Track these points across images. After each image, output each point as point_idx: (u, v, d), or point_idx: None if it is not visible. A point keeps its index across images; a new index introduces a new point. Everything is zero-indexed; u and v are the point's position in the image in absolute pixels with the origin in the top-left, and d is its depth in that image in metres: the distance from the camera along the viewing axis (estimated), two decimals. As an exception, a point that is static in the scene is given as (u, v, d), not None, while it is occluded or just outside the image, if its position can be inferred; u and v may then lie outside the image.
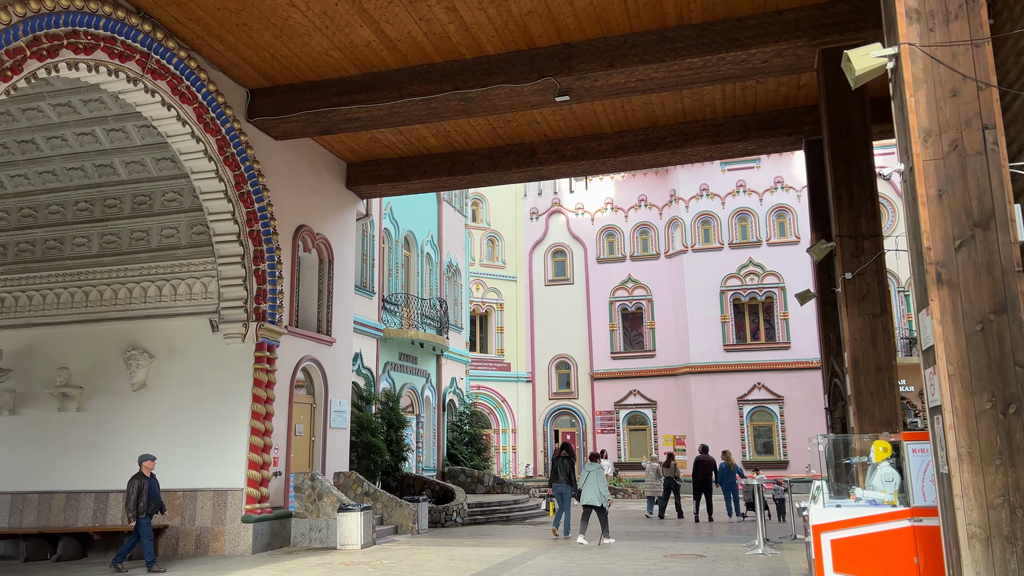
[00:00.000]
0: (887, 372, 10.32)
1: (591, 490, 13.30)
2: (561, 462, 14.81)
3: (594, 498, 13.26)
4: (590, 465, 13.78)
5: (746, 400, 28.83)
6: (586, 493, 13.32)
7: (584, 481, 13.46)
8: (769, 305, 29.48)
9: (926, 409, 5.95)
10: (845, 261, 10.75)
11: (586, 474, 13.51)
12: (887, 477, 7.61)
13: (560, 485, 14.68)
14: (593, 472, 13.50)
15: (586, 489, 13.34)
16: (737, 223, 30.08)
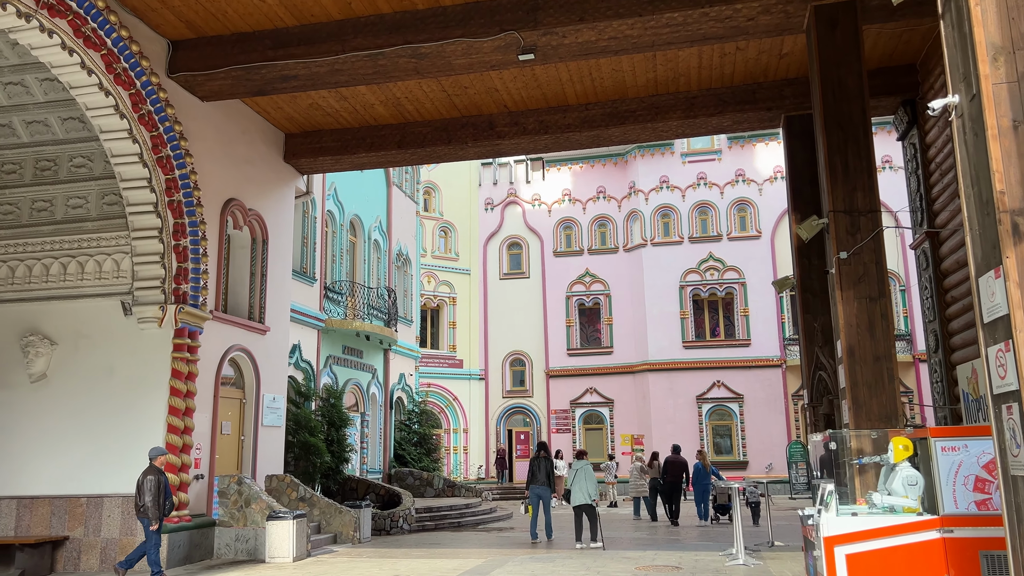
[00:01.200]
0: (886, 362, 9.26)
1: (580, 489, 12.62)
2: (539, 462, 13.97)
3: (584, 497, 12.60)
4: (577, 463, 13.01)
5: (705, 398, 27.96)
6: (575, 493, 12.65)
7: (572, 480, 12.72)
8: (729, 301, 28.68)
9: (988, 397, 4.80)
10: (840, 239, 9.68)
11: (574, 473, 12.75)
12: (910, 480, 6.49)
13: (538, 487, 13.83)
14: (581, 470, 12.76)
15: (575, 489, 12.67)
16: (697, 216, 29.22)
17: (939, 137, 12.33)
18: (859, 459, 7.26)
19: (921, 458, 6.62)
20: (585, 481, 12.67)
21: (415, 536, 15.46)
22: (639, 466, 18.73)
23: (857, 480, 7.97)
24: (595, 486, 12.88)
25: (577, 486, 12.68)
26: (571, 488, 12.72)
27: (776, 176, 28.76)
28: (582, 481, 12.70)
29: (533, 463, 14.04)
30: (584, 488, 12.63)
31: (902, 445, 6.59)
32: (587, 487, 12.63)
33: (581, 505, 12.72)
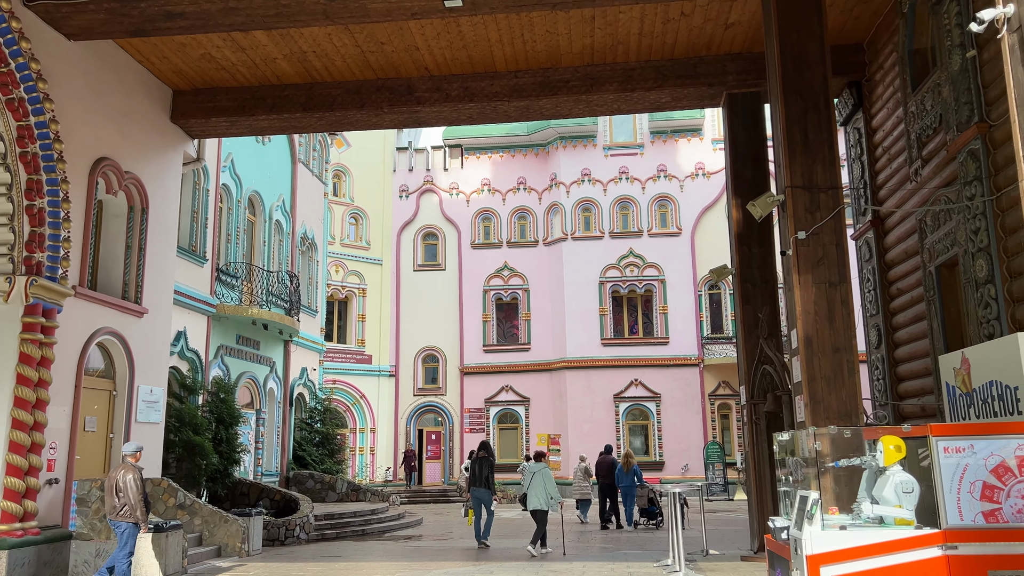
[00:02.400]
0: (847, 354, 8.39)
1: (538, 493, 11.89)
2: (480, 463, 13.18)
3: (541, 502, 11.86)
4: (534, 465, 12.24)
5: (623, 397, 27.23)
6: (532, 497, 11.93)
7: (529, 483, 11.96)
8: (648, 298, 28.06)
9: None
10: (797, 217, 8.76)
11: (530, 475, 12.00)
12: (905, 487, 5.50)
13: (479, 490, 13.10)
14: (539, 473, 12.02)
15: (532, 493, 11.95)
16: (619, 211, 28.49)
17: (888, 119, 11.68)
18: (836, 462, 6.27)
19: (910, 461, 5.67)
20: (542, 485, 11.93)
21: (313, 547, 13.85)
22: (583, 467, 17.68)
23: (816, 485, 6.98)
24: (555, 489, 12.17)
25: (533, 490, 11.95)
26: (527, 492, 12.02)
27: (698, 173, 28.35)
28: (539, 485, 11.97)
29: (474, 464, 13.30)
30: (541, 492, 11.89)
31: (893, 445, 5.60)
32: (544, 491, 11.89)
33: (537, 510, 11.99)
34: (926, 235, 10.37)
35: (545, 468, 12.31)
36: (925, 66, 10.51)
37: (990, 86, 8.50)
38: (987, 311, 8.54)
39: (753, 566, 10.32)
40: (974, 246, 8.79)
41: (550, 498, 12.01)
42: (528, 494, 12.15)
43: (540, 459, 12.97)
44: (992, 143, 8.48)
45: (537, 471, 12.21)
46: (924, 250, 10.44)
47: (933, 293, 10.21)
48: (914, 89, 10.56)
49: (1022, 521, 5.11)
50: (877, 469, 5.81)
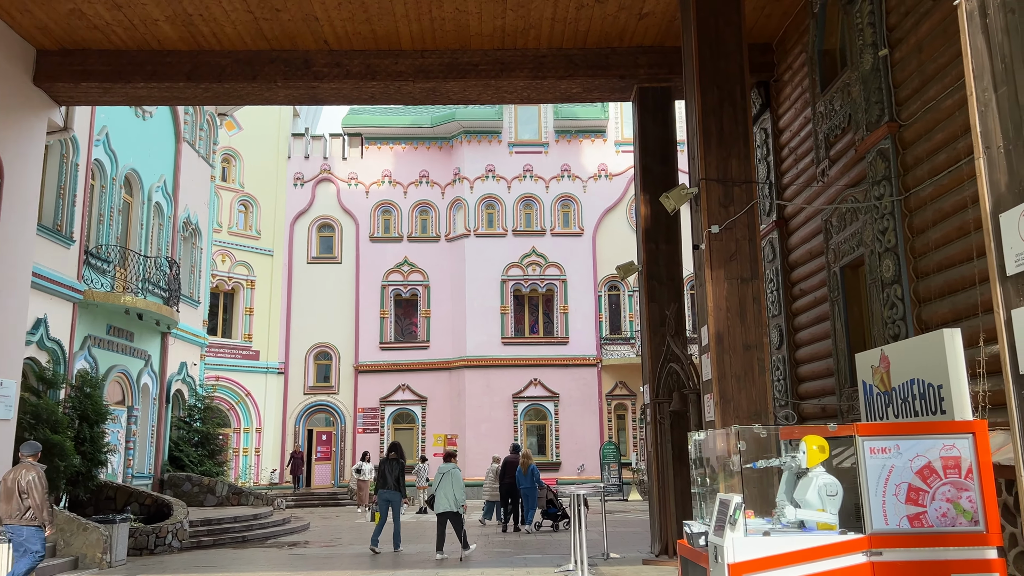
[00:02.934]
0: (757, 352, 8.18)
1: (446, 495, 11.65)
2: (390, 465, 12.88)
3: (450, 504, 11.62)
4: (444, 466, 11.97)
5: (521, 397, 26.90)
6: (440, 499, 11.69)
7: (438, 485, 11.72)
8: (549, 298, 27.86)
9: (1008, 378, 3.48)
10: (711, 211, 8.50)
11: (440, 476, 11.73)
12: (829, 489, 5.20)
13: (388, 492, 12.77)
14: (448, 474, 11.77)
15: (440, 494, 11.71)
16: (522, 209, 28.16)
17: (795, 120, 11.70)
18: (754, 463, 5.95)
19: (829, 461, 5.39)
20: (452, 486, 11.70)
21: (186, 556, 12.71)
22: (495, 468, 17.10)
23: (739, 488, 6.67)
24: (462, 491, 11.92)
25: (443, 491, 11.69)
26: (436, 493, 11.76)
27: (600, 174, 28.38)
28: (448, 486, 11.71)
29: (383, 465, 12.98)
30: (450, 493, 11.66)
31: (817, 446, 5.30)
32: (453, 492, 11.67)
33: (446, 512, 11.73)
34: (831, 235, 10.38)
35: (455, 469, 12.07)
36: (834, 67, 10.53)
37: (901, 85, 8.49)
38: (893, 311, 8.52)
39: (656, 570, 10.04)
40: (881, 246, 8.78)
41: (456, 500, 11.74)
42: (437, 495, 11.82)
43: (450, 459, 12.66)
44: (902, 143, 8.47)
45: (447, 472, 11.91)
46: (829, 250, 10.44)
47: (837, 293, 10.22)
48: (823, 89, 10.56)
49: (946, 525, 4.90)
50: (798, 470, 5.51)
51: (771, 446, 6.28)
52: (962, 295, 7.40)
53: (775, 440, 6.19)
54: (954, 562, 4.87)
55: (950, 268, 7.61)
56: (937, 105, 7.77)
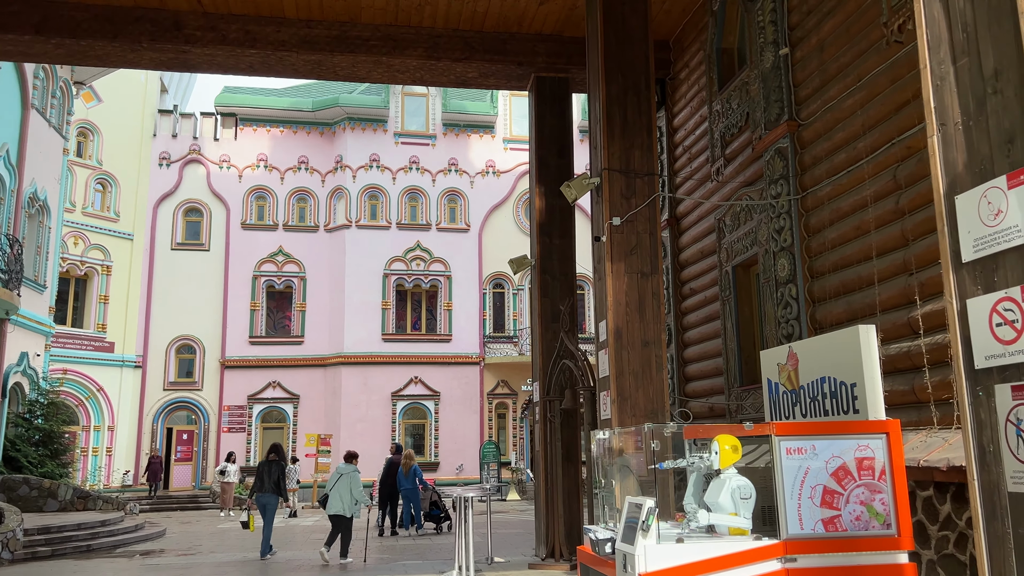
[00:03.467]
0: (655, 348, 7.94)
1: (343, 496, 11.06)
2: (269, 466, 12.24)
3: (343, 507, 11.04)
4: (343, 466, 11.45)
5: (401, 396, 26.10)
6: (333, 500, 11.08)
7: (333, 485, 11.13)
8: (433, 294, 27.20)
9: (960, 371, 3.23)
10: (613, 202, 8.20)
11: (336, 477, 11.20)
12: (743, 492, 4.92)
13: (265, 495, 12.14)
14: (346, 475, 11.20)
15: (334, 495, 11.09)
16: (407, 202, 27.36)
17: (690, 118, 11.66)
18: (660, 463, 5.62)
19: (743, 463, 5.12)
20: (348, 488, 11.09)
21: (18, 569, 11.25)
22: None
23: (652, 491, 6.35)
24: (361, 493, 11.32)
25: (337, 492, 11.08)
26: (329, 494, 11.15)
27: (488, 171, 28.00)
28: (344, 487, 11.10)
29: (262, 467, 12.32)
30: (346, 496, 11.06)
31: (730, 446, 5.01)
32: (348, 495, 11.09)
33: (336, 515, 11.12)
34: (724, 234, 10.35)
35: (355, 470, 11.48)
36: (732, 65, 10.53)
37: (801, 84, 8.49)
38: (787, 311, 8.50)
39: (542, 574, 9.66)
40: (776, 245, 8.75)
41: (355, 503, 11.16)
42: (330, 496, 11.24)
43: (351, 460, 12.14)
44: (800, 142, 8.47)
45: (345, 473, 11.34)
46: (721, 249, 10.42)
47: (729, 293, 10.19)
48: (721, 88, 10.53)
49: (860, 529, 4.72)
50: (708, 472, 5.22)
51: (674, 446, 5.98)
52: (858, 295, 7.42)
53: (680, 440, 5.90)
54: (867, 568, 4.69)
55: (846, 268, 7.62)
56: (838, 104, 7.78)
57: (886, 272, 7.00)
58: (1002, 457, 2.94)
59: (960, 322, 3.18)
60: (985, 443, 3.03)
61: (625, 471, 5.72)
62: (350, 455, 12.28)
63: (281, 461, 12.48)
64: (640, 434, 5.40)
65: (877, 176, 7.15)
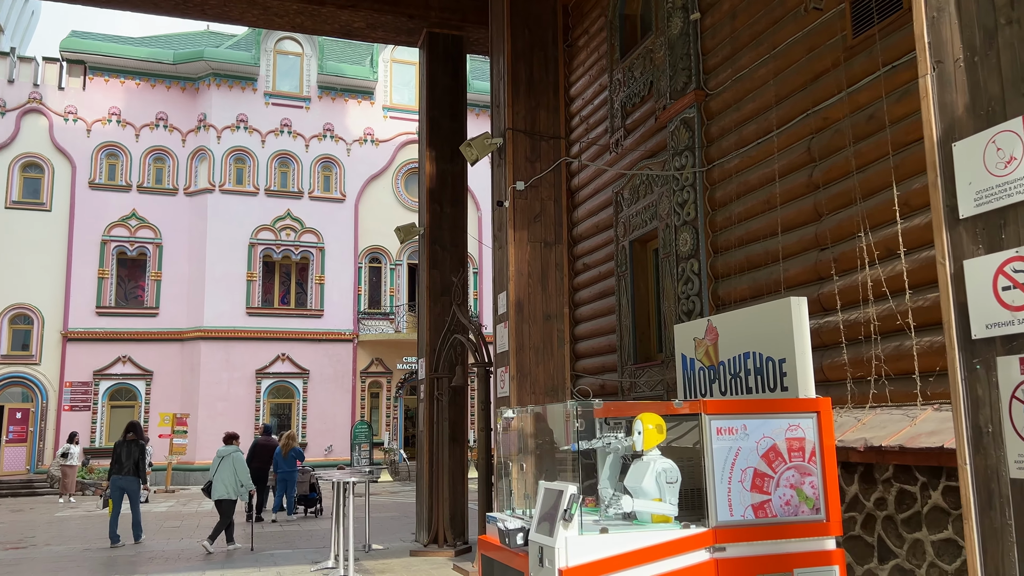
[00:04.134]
0: (557, 322, 7.49)
1: (226, 481, 10.54)
2: (128, 447, 11.48)
3: (229, 491, 10.52)
4: (224, 448, 10.89)
5: (267, 373, 24.66)
6: (217, 485, 10.55)
7: (216, 469, 10.63)
8: (304, 266, 25.82)
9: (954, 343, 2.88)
10: (517, 166, 7.64)
11: (218, 460, 10.70)
12: (669, 475, 4.50)
13: (125, 478, 11.29)
14: (229, 458, 10.70)
15: (217, 480, 10.57)
16: (277, 168, 25.75)
17: (588, 88, 11.23)
18: (572, 444, 5.14)
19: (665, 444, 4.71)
20: (232, 471, 10.58)
21: None
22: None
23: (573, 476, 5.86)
24: (247, 476, 10.80)
25: (220, 477, 10.58)
26: (213, 479, 10.64)
27: (367, 139, 26.79)
28: (227, 471, 10.58)
29: (119, 448, 11.49)
30: (229, 479, 10.56)
31: (654, 425, 4.59)
32: (233, 478, 10.59)
33: (222, 500, 10.58)
34: (622, 208, 10.02)
35: (237, 452, 10.92)
36: (635, 32, 10.16)
37: (710, 53, 8.21)
38: (688, 287, 8.25)
39: (426, 562, 9.07)
40: (679, 219, 8.48)
41: (240, 486, 10.67)
42: (214, 481, 10.65)
43: (232, 442, 11.45)
44: (708, 112, 8.20)
45: (227, 455, 10.80)
46: (619, 224, 10.08)
47: (625, 268, 9.89)
48: (623, 56, 10.15)
49: (790, 514, 4.42)
50: (628, 453, 4.78)
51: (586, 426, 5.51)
52: (764, 271, 7.23)
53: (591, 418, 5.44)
54: (796, 555, 4.39)
55: (753, 243, 7.41)
56: (749, 74, 7.53)
57: (796, 247, 6.83)
58: (1004, 439, 2.59)
59: (954, 285, 2.82)
60: (982, 423, 2.68)
61: (545, 453, 5.20)
62: (230, 436, 11.64)
63: (141, 440, 11.71)
64: (556, 412, 4.88)
65: (789, 148, 6.95)
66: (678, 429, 4.94)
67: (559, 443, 5.40)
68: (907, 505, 5.32)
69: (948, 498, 5.00)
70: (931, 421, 5.10)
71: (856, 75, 6.20)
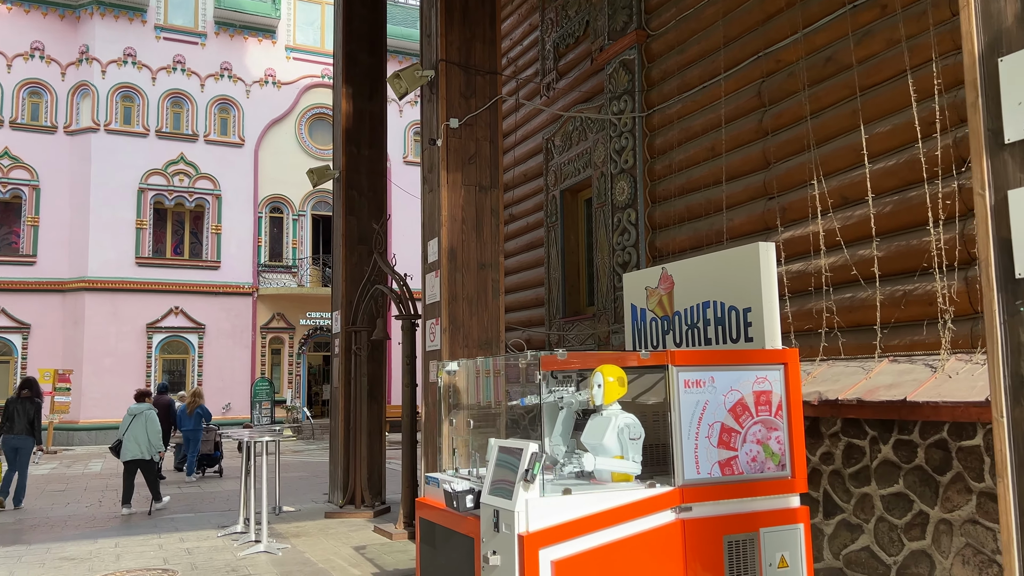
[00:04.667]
0: (492, 272, 7.04)
1: (139, 440, 9.87)
2: (21, 404, 10.71)
3: (141, 450, 9.86)
4: (135, 406, 10.15)
5: (158, 327, 23.17)
6: (128, 444, 9.88)
7: (127, 428, 9.95)
8: (200, 215, 24.26)
9: (989, 290, 2.61)
10: (451, 101, 7.06)
11: (129, 419, 10.01)
12: (632, 431, 4.19)
13: (17, 437, 10.56)
14: (141, 416, 9.97)
15: (128, 439, 9.90)
16: (169, 108, 23.91)
17: (517, 28, 10.70)
18: (521, 399, 4.74)
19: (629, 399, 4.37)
20: (144, 430, 9.90)
21: None
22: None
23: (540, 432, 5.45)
24: (159, 436, 10.10)
25: (132, 435, 9.87)
26: (123, 438, 9.93)
27: (268, 80, 25.23)
28: (140, 429, 9.88)
29: (13, 405, 10.71)
30: (142, 438, 9.88)
31: (615, 378, 4.24)
32: (145, 437, 9.91)
33: (134, 460, 9.89)
34: (553, 156, 9.62)
35: (150, 411, 10.17)
36: (570, -30, 9.66)
37: (654, -8, 7.82)
38: (624, 237, 7.96)
39: (344, 524, 8.59)
40: (615, 167, 8.14)
41: (151, 445, 9.98)
42: (125, 440, 9.93)
43: (144, 399, 10.69)
44: (648, 55, 7.84)
45: (139, 413, 10.06)
46: (549, 172, 9.69)
47: (555, 219, 9.53)
48: (556, -6, 9.65)
49: (756, 471, 4.19)
50: (584, 408, 4.43)
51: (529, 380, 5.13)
52: (706, 221, 6.99)
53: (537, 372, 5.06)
54: (761, 514, 4.17)
55: (695, 192, 7.15)
56: (695, 14, 7.20)
57: (742, 196, 6.60)
58: (1051, 388, 2.33)
59: (995, 219, 2.53)
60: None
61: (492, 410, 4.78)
62: (142, 393, 10.94)
63: (37, 398, 10.96)
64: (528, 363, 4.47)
65: (737, 92, 6.68)
66: (637, 383, 4.62)
67: (510, 398, 4.99)
68: (855, 459, 5.22)
69: (899, 452, 4.91)
70: (888, 374, 4.98)
71: (814, 15, 5.94)
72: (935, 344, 4.88)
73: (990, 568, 4.32)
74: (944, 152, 4.92)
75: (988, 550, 4.33)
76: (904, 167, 5.16)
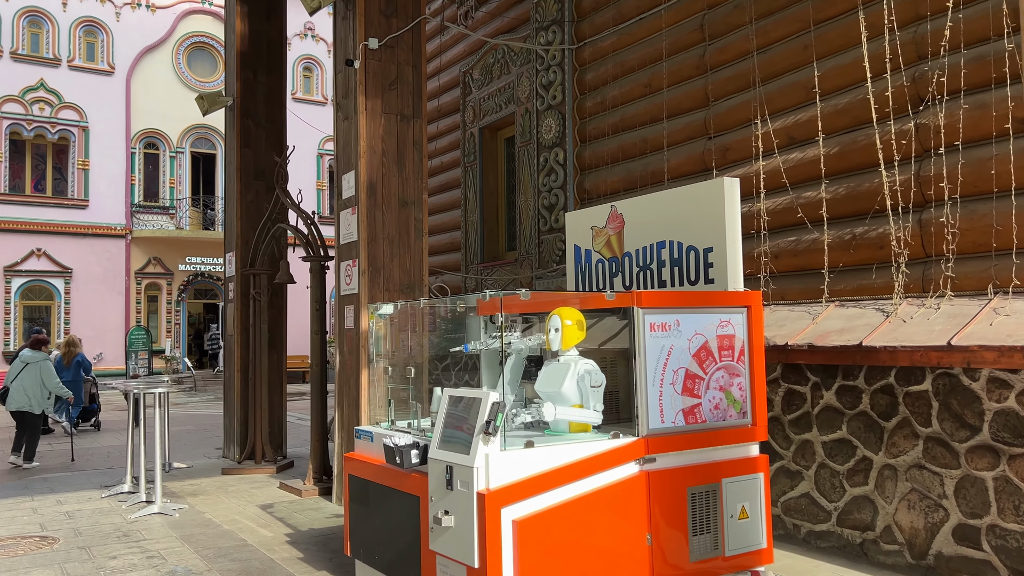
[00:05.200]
0: (415, 210, 6.51)
1: (24, 390, 9.21)
2: None
3: (28, 402, 9.20)
4: (29, 354, 9.43)
5: (18, 271, 21.13)
6: (15, 394, 9.22)
7: (16, 376, 9.26)
8: (64, 148, 22.10)
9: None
10: (370, 19, 6.40)
11: (20, 367, 9.31)
12: (593, 379, 3.88)
13: None
14: (33, 364, 9.27)
15: (16, 388, 9.23)
16: (26, 28, 21.46)
17: (432, -48, 9.95)
18: (466, 345, 4.32)
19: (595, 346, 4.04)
20: (36, 379, 9.22)
21: None
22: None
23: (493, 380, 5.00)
24: (58, 386, 9.42)
25: (20, 384, 9.19)
26: (11, 385, 9.28)
27: (140, 3, 23.05)
28: (30, 378, 9.20)
29: None
30: (32, 388, 9.20)
31: (574, 321, 3.90)
32: (37, 388, 9.24)
33: (21, 411, 9.17)
34: (471, 91, 9.08)
35: (46, 360, 9.43)
36: None
37: (589, -85, 7.34)
38: (551, 178, 7.59)
39: (244, 480, 7.98)
40: (542, 104, 7.72)
41: (48, 396, 9.35)
42: (12, 389, 9.22)
43: (40, 347, 9.75)
44: (581, -17, 7.39)
45: (33, 362, 9.31)
46: (467, 108, 9.15)
47: (474, 158, 9.03)
48: (477, -86, 8.99)
49: (718, 420, 3.97)
50: (541, 353, 4.07)
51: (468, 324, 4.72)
52: (640, 161, 6.70)
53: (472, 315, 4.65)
54: (723, 463, 3.98)
55: (628, 131, 6.84)
56: (634, -59, 6.79)
57: (680, 135, 6.34)
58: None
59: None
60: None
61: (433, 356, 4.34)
62: (39, 341, 9.85)
63: None
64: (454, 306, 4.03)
65: (678, 25, 6.36)
66: (596, 328, 4.28)
67: (452, 344, 4.56)
68: (796, 406, 5.14)
69: (843, 398, 4.84)
70: (836, 319, 4.87)
71: (766, -55, 5.65)
72: (883, 288, 4.80)
73: (936, 513, 4.31)
74: (899, 91, 4.78)
75: (934, 495, 4.32)
76: (857, 105, 5.00)
